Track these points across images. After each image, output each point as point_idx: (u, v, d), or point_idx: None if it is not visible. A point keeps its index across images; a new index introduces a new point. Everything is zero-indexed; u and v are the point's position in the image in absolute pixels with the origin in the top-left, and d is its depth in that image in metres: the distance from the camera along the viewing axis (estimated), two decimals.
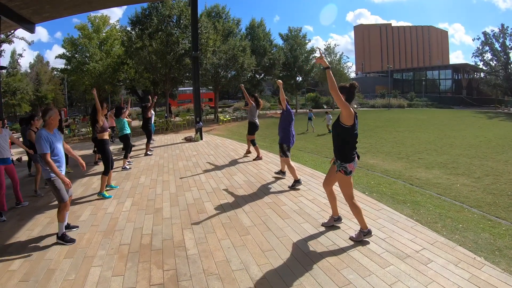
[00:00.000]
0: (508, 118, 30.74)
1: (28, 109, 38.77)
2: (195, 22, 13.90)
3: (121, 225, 4.51)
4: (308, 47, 37.21)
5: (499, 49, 40.24)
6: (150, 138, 10.70)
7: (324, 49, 40.88)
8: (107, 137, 6.17)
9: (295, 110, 36.96)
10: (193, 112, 17.34)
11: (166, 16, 21.12)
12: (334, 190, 4.07)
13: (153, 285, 3.05)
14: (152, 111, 11.83)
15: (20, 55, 34.11)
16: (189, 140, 13.10)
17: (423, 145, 13.81)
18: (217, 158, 8.99)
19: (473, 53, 42.82)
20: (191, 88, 18.82)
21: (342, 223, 4.17)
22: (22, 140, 7.55)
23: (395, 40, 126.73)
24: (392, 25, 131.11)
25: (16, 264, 3.53)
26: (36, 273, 3.32)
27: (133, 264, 3.44)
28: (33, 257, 3.68)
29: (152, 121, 11.37)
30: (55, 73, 42.12)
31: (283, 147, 6.01)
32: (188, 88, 45.24)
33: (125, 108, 8.68)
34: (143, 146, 10.86)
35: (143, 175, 7.47)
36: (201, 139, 13.26)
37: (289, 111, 6.11)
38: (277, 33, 45.10)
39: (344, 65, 40.77)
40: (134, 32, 22.43)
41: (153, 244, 3.89)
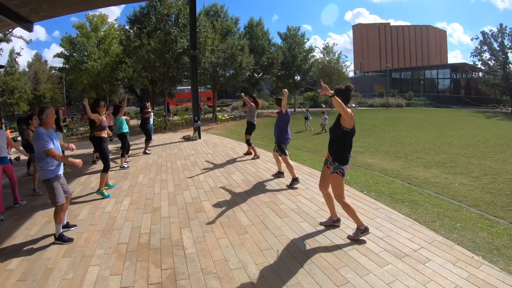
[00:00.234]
0: (507, 118, 30.85)
1: (26, 108, 38.66)
2: (194, 21, 13.86)
3: (119, 224, 4.50)
4: (307, 46, 37.22)
5: (498, 49, 40.26)
6: (150, 137, 10.69)
7: (323, 48, 40.94)
8: (105, 135, 6.16)
9: (293, 109, 36.97)
10: (192, 111, 17.29)
11: (165, 15, 21.06)
12: (331, 192, 4.06)
13: (151, 284, 3.05)
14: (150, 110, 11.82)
15: (18, 54, 33.88)
16: (188, 139, 13.09)
17: (422, 144, 13.85)
18: (215, 157, 8.99)
19: (472, 53, 42.81)
20: (190, 87, 18.78)
21: (340, 222, 4.17)
22: (21, 140, 7.53)
23: (394, 40, 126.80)
24: (391, 25, 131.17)
25: (14, 264, 3.52)
26: (34, 273, 3.32)
27: (131, 263, 3.43)
28: (31, 257, 3.67)
29: (151, 121, 11.35)
30: (53, 72, 41.90)
31: (282, 147, 6.02)
32: (187, 87, 45.16)
33: (121, 107, 8.67)
34: (142, 145, 10.84)
35: (141, 174, 7.46)
36: (200, 138, 13.24)
37: (288, 114, 6.12)
38: (276, 32, 44.90)
39: (343, 64, 40.78)
40: (132, 31, 22.36)
41: (151, 243, 3.88)
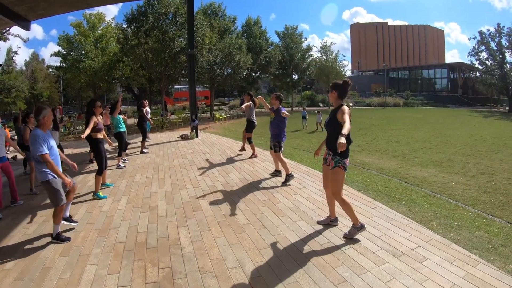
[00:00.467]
0: (504, 117, 30.99)
1: (24, 107, 38.44)
2: (191, 20, 13.83)
3: (117, 223, 4.49)
4: (304, 45, 37.23)
5: (495, 49, 40.38)
6: (145, 136, 10.69)
7: (320, 47, 40.95)
8: (101, 136, 6.12)
9: (291, 108, 36.97)
10: (189, 110, 17.25)
11: (162, 14, 20.99)
12: None
13: (149, 283, 3.04)
14: (148, 109, 11.81)
15: (15, 53, 33.79)
16: (185, 138, 13.06)
17: (419, 144, 13.89)
18: (213, 156, 8.97)
19: (469, 52, 42.85)
20: (187, 86, 18.75)
21: (338, 222, 4.17)
22: (17, 139, 7.49)
23: (391, 39, 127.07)
24: (388, 24, 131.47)
25: (11, 263, 3.50)
26: (31, 272, 3.30)
27: (128, 262, 3.43)
28: (28, 256, 3.66)
29: (148, 117, 11.32)
30: (51, 71, 41.62)
31: (279, 144, 6.02)
32: (184, 86, 45.08)
33: (117, 103, 8.65)
34: (139, 144, 10.83)
35: (139, 173, 7.44)
36: (197, 137, 13.22)
37: (284, 119, 6.15)
38: (273, 31, 44.98)
39: (340, 64, 40.79)
40: (130, 30, 22.28)
41: (149, 242, 3.88)
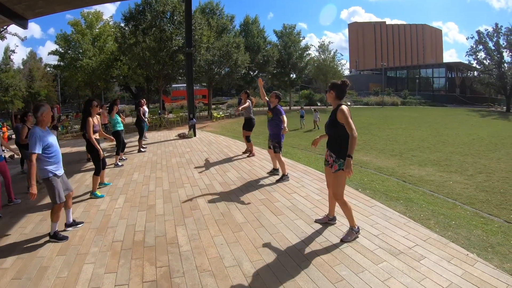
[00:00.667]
0: (501, 117, 31.13)
1: (21, 106, 38.26)
2: (189, 18, 13.79)
3: (114, 222, 4.48)
4: (302, 45, 37.25)
5: (493, 48, 40.54)
6: (142, 135, 10.71)
7: (318, 47, 41.00)
8: (98, 137, 6.09)
9: (289, 107, 36.97)
10: (187, 109, 17.24)
11: (160, 12, 20.94)
12: None
13: (146, 282, 3.04)
14: (146, 108, 11.79)
15: (13, 51, 33.42)
16: (183, 137, 13.04)
17: (416, 143, 13.93)
18: (211, 155, 8.96)
19: (467, 52, 43.06)
20: (185, 85, 18.72)
21: (336, 220, 4.18)
22: (15, 138, 7.46)
23: (389, 38, 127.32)
24: (386, 23, 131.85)
25: (9, 262, 3.49)
26: (29, 271, 3.29)
27: (126, 261, 3.42)
28: (26, 255, 3.65)
29: (146, 118, 11.29)
30: (48, 70, 41.47)
31: (279, 144, 6.03)
32: (182, 85, 45.07)
33: (115, 105, 8.68)
34: (136, 143, 10.82)
35: (136, 172, 7.42)
36: (195, 136, 13.20)
37: (281, 112, 6.14)
38: (271, 30, 45.00)
39: (338, 63, 40.92)
40: (128, 28, 22.19)
41: (146, 241, 3.87)
